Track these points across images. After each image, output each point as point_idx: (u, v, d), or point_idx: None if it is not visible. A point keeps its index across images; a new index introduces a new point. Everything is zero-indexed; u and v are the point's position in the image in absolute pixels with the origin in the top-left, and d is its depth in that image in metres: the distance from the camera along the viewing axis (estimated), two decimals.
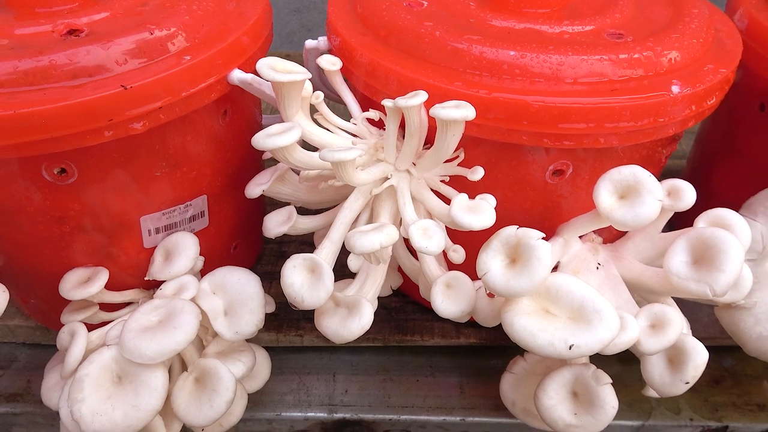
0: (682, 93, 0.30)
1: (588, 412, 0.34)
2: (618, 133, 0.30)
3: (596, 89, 0.30)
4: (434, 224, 0.29)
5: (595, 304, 0.27)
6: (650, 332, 0.29)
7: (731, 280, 0.27)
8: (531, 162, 0.33)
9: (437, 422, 0.44)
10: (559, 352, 0.27)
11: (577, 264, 0.34)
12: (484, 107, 0.30)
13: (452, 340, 0.46)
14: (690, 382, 0.30)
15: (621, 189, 0.30)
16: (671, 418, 0.44)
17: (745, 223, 0.31)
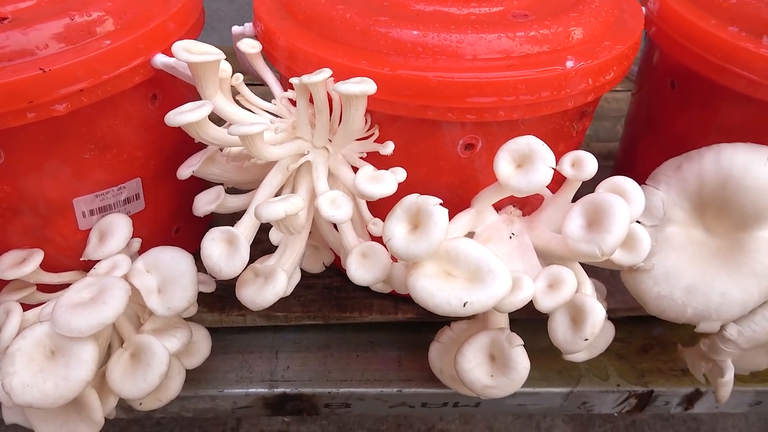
0: (576, 67, 0.32)
1: (503, 373, 0.36)
2: (517, 106, 0.32)
3: (494, 65, 0.32)
4: (342, 195, 0.30)
5: (489, 264, 0.29)
6: (547, 291, 0.31)
7: (617, 239, 0.29)
8: (442, 137, 0.35)
9: (375, 394, 0.45)
10: (454, 309, 0.28)
11: (489, 233, 0.36)
12: (390, 84, 0.31)
13: (390, 316, 0.47)
14: (589, 338, 0.32)
15: (518, 158, 0.31)
16: (599, 384, 0.46)
17: (638, 189, 0.33)
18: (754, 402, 0.47)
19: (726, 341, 0.34)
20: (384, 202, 0.31)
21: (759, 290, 0.32)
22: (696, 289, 0.33)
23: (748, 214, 0.33)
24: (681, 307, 0.33)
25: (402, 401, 0.46)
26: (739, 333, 0.33)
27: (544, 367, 0.47)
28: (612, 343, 0.49)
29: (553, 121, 0.36)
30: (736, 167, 0.34)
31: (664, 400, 0.47)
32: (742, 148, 0.34)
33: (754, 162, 0.33)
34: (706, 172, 0.35)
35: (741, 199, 0.33)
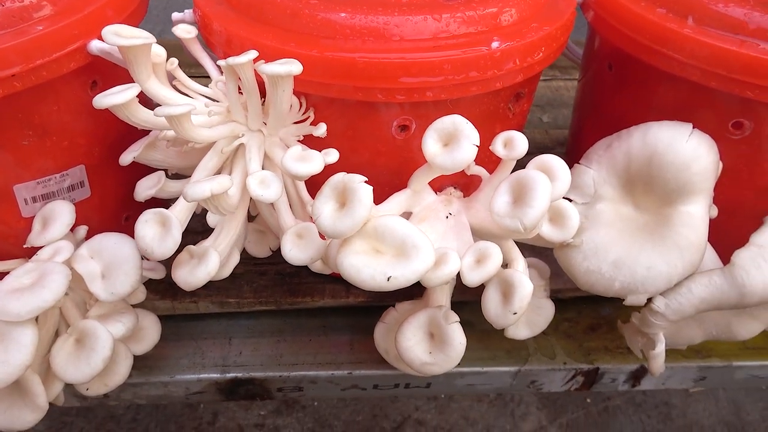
0: (501, 47, 0.33)
1: (440, 350, 0.36)
2: (445, 87, 0.33)
3: (420, 46, 0.32)
4: (272, 175, 0.31)
5: (414, 240, 0.29)
6: (474, 266, 0.32)
7: (538, 214, 0.30)
8: (377, 119, 0.35)
9: (326, 377, 0.46)
10: (379, 283, 0.29)
11: (426, 213, 0.36)
12: (319, 66, 0.32)
13: (342, 299, 0.48)
14: (517, 312, 0.33)
15: (444, 137, 0.32)
16: (546, 363, 0.47)
17: (564, 166, 0.34)
18: (698, 378, 0.48)
19: (654, 314, 0.35)
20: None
21: (683, 263, 0.33)
22: (623, 263, 0.34)
23: (671, 188, 0.34)
24: (609, 281, 0.34)
25: (353, 383, 0.47)
26: (666, 305, 0.34)
27: (493, 347, 0.48)
28: (560, 322, 0.50)
29: (486, 102, 0.36)
30: (660, 144, 0.35)
31: (610, 377, 0.48)
32: (667, 126, 0.35)
33: (677, 138, 0.34)
34: (633, 149, 0.36)
35: (665, 174, 0.34)
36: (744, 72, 0.34)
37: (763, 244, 0.33)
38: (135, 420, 1.13)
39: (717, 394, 1.23)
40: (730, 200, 0.41)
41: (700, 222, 0.34)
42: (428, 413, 1.16)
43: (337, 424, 1.13)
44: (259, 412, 1.14)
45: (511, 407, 1.18)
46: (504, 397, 1.19)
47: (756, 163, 0.38)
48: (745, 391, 1.23)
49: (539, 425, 1.14)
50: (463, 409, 1.17)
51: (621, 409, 1.18)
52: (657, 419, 1.17)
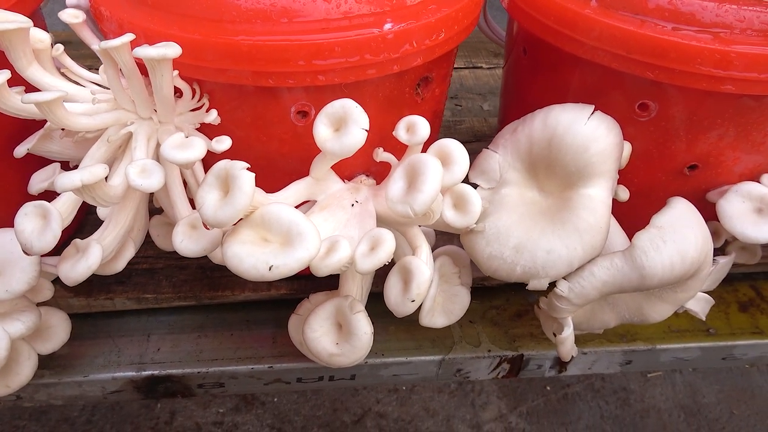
0: (394, 29, 0.32)
1: (347, 340, 0.36)
2: (335, 70, 0.32)
3: (308, 28, 0.31)
4: (153, 164, 0.30)
5: (299, 228, 0.29)
6: (367, 254, 0.31)
7: (428, 198, 0.29)
8: (274, 104, 0.34)
9: (246, 372, 0.45)
10: (261, 273, 0.28)
11: (330, 201, 0.36)
12: (204, 50, 0.31)
13: (263, 293, 0.47)
14: (416, 300, 0.32)
15: (335, 121, 0.31)
16: (470, 351, 0.46)
17: (462, 149, 0.33)
18: (624, 361, 0.49)
19: (559, 298, 0.35)
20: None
21: (582, 246, 0.33)
22: (524, 248, 0.34)
23: (571, 171, 0.34)
24: (510, 265, 0.34)
25: (276, 377, 0.46)
26: (569, 289, 0.34)
27: (419, 337, 0.47)
28: (488, 310, 0.50)
29: (388, 86, 0.36)
30: (560, 126, 0.34)
31: (536, 363, 0.48)
32: (567, 108, 0.35)
33: (576, 120, 0.34)
34: (535, 132, 0.35)
35: (564, 157, 0.34)
36: (644, 52, 0.34)
37: (663, 225, 0.33)
38: (90, 422, 1.11)
39: (674, 378, 1.25)
40: (643, 183, 0.41)
41: (600, 204, 0.33)
42: (389, 406, 1.16)
43: (297, 419, 1.12)
44: (217, 409, 1.13)
45: (471, 397, 1.18)
46: (465, 387, 1.19)
47: (664, 145, 0.38)
48: (702, 375, 1.25)
49: (499, 414, 1.15)
50: (424, 401, 1.17)
51: (580, 396, 1.19)
52: (615, 405, 1.18)
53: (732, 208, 0.37)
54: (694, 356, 0.49)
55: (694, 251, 0.33)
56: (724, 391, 1.21)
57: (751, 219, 0.37)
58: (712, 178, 0.40)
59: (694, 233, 0.33)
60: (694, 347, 0.48)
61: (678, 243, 0.33)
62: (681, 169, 0.39)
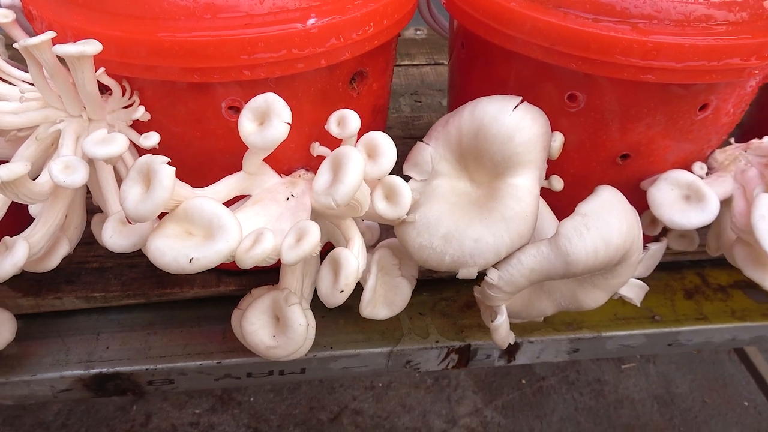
0: (318, 24, 0.32)
1: (283, 332, 0.36)
2: (260, 65, 0.32)
3: (231, 23, 0.32)
4: (77, 160, 0.30)
5: (220, 220, 0.29)
6: (293, 245, 0.31)
7: (349, 189, 0.30)
8: (205, 100, 0.35)
9: (195, 367, 0.45)
10: (182, 266, 0.28)
11: (264, 195, 0.36)
12: (126, 46, 0.31)
13: (212, 289, 0.47)
14: (344, 290, 0.32)
15: (259, 115, 0.32)
16: (418, 342, 0.47)
17: (389, 141, 0.33)
18: (571, 350, 0.49)
19: (490, 286, 0.35)
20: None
21: (509, 234, 0.34)
22: (452, 237, 0.34)
23: (497, 161, 0.35)
24: (440, 254, 0.34)
25: (226, 373, 0.46)
26: (499, 277, 0.35)
27: (368, 330, 0.48)
28: (438, 302, 0.51)
29: (320, 80, 0.36)
30: (486, 117, 0.35)
31: (484, 353, 0.48)
32: (493, 99, 0.35)
33: (502, 112, 0.34)
34: (464, 124, 0.36)
35: (490, 147, 0.35)
36: (567, 44, 0.35)
37: (587, 212, 0.34)
38: (65, 426, 1.10)
39: (648, 369, 1.26)
40: (579, 172, 0.42)
41: (526, 193, 0.34)
42: (365, 402, 1.16)
43: (274, 418, 1.13)
44: (193, 410, 1.13)
45: (447, 392, 1.19)
46: (441, 382, 1.20)
47: (595, 135, 0.39)
48: (675, 365, 1.27)
49: (475, 408, 1.16)
50: (400, 397, 1.17)
51: (555, 389, 1.20)
52: (589, 396, 1.19)
53: (661, 195, 0.38)
54: (639, 343, 0.49)
55: (617, 237, 0.34)
56: (696, 381, 1.23)
57: (679, 206, 0.38)
58: (645, 167, 0.41)
59: (618, 220, 0.34)
60: (638, 334, 0.49)
61: (601, 230, 0.33)
62: (614, 159, 0.40)
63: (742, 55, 0.33)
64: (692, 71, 0.34)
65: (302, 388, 1.17)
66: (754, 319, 0.50)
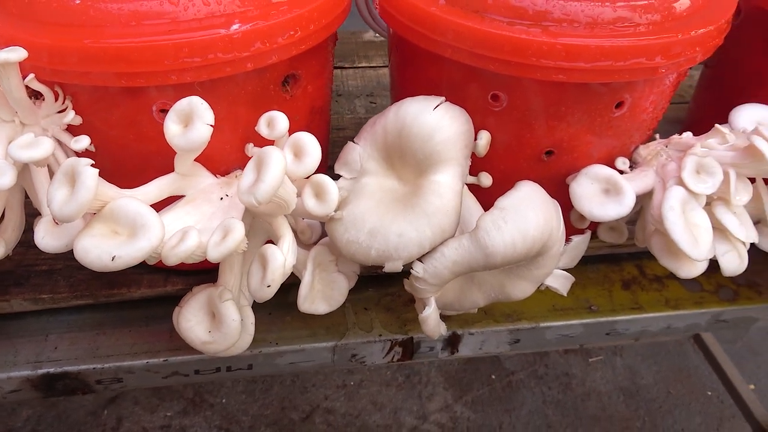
0: (241, 29, 0.34)
1: (218, 328, 0.37)
2: (185, 69, 0.33)
3: (156, 30, 0.33)
4: (4, 164, 0.31)
5: (143, 219, 0.30)
6: (219, 242, 0.33)
7: (269, 188, 0.31)
8: (136, 104, 0.36)
9: (142, 366, 0.46)
10: (105, 264, 0.29)
11: (197, 195, 0.37)
12: (52, 53, 0.32)
13: (159, 289, 0.48)
14: (271, 285, 0.34)
15: (183, 118, 0.33)
16: (362, 336, 0.48)
17: (314, 142, 0.35)
18: (512, 340, 0.51)
19: (416, 279, 0.37)
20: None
21: (431, 229, 0.35)
22: (377, 232, 0.36)
23: (420, 159, 0.36)
24: (366, 249, 0.36)
25: (173, 371, 0.47)
26: (424, 270, 0.36)
27: (313, 326, 0.49)
28: (383, 297, 0.52)
29: (250, 83, 0.37)
30: (408, 117, 0.36)
31: (428, 346, 0.50)
32: (416, 100, 0.37)
33: (423, 111, 0.36)
34: (389, 123, 0.37)
35: (412, 145, 0.36)
36: (484, 47, 0.36)
37: (506, 207, 0.35)
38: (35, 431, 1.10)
39: (615, 361, 1.29)
40: (507, 169, 0.44)
41: (447, 189, 0.36)
42: (337, 401, 1.18)
43: (246, 419, 1.13)
44: (165, 413, 1.13)
45: (418, 389, 1.20)
46: (412, 379, 1.22)
47: (519, 133, 0.41)
48: (641, 357, 1.30)
49: (445, 404, 1.17)
50: (372, 395, 1.19)
51: (523, 383, 1.23)
52: (557, 390, 1.22)
53: (581, 189, 0.40)
54: (578, 333, 0.51)
55: (534, 230, 0.35)
56: (661, 372, 1.26)
57: (598, 199, 0.40)
58: (569, 163, 0.42)
59: (535, 213, 0.36)
60: (576, 324, 0.51)
61: (518, 223, 0.35)
62: (539, 156, 0.42)
63: (648, 55, 0.35)
64: (601, 71, 0.35)
65: (274, 388, 1.18)
66: (687, 308, 0.52)
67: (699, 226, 0.38)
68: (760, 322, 0.55)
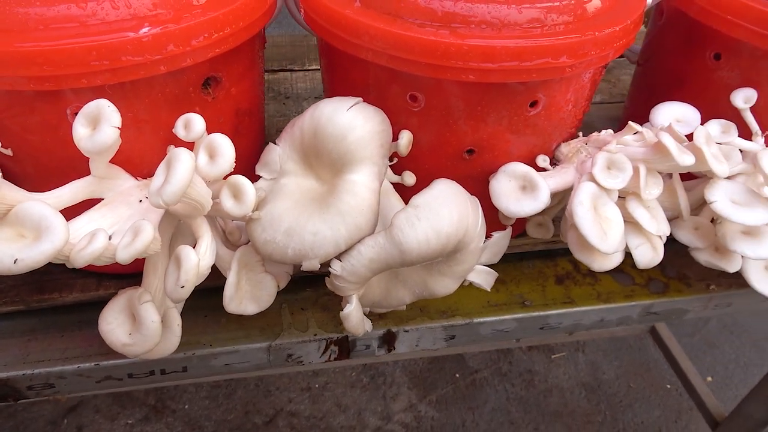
0: (151, 33, 0.34)
1: (138, 330, 0.38)
2: (95, 73, 0.34)
3: (63, 34, 0.33)
4: None
5: (47, 222, 0.30)
6: (128, 244, 0.33)
7: (176, 189, 0.31)
8: (51, 108, 0.36)
9: (73, 371, 0.46)
10: (7, 267, 0.30)
11: (114, 198, 0.37)
12: None
13: (92, 293, 0.48)
14: (185, 286, 0.34)
15: (91, 121, 0.33)
16: (297, 336, 0.49)
17: (227, 144, 0.35)
18: (447, 336, 0.52)
19: (335, 277, 0.37)
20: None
21: (346, 227, 0.36)
22: (293, 231, 0.36)
23: (334, 159, 0.37)
24: (283, 248, 0.36)
25: (106, 375, 0.47)
26: (342, 268, 0.37)
27: (248, 327, 0.49)
28: (320, 297, 0.52)
29: (167, 86, 0.38)
30: (323, 117, 0.37)
31: (363, 344, 0.50)
32: (331, 101, 0.37)
33: (337, 111, 0.37)
34: (305, 124, 0.38)
35: (326, 145, 0.37)
36: (397, 48, 0.37)
37: (419, 204, 0.36)
38: None
39: (577, 357, 1.31)
40: (432, 167, 0.44)
41: (362, 188, 0.36)
42: (301, 404, 1.17)
43: (208, 425, 1.13)
44: (126, 421, 1.12)
45: (383, 389, 1.21)
46: (377, 380, 1.22)
47: (439, 132, 0.42)
48: (603, 353, 1.32)
49: (409, 404, 1.18)
50: (336, 397, 1.19)
51: (487, 381, 1.24)
52: (521, 386, 1.23)
53: (499, 186, 0.41)
54: (511, 327, 0.52)
55: (448, 227, 0.36)
56: (622, 367, 1.28)
57: (515, 196, 0.41)
58: (491, 161, 0.43)
59: (449, 210, 0.36)
60: (509, 319, 0.52)
61: (432, 220, 0.36)
62: (461, 155, 0.43)
63: (553, 55, 0.36)
64: (509, 71, 0.37)
65: (238, 392, 1.17)
66: (618, 301, 0.53)
67: (610, 220, 0.39)
68: (691, 313, 0.57)
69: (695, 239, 0.46)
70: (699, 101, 0.49)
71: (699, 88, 0.51)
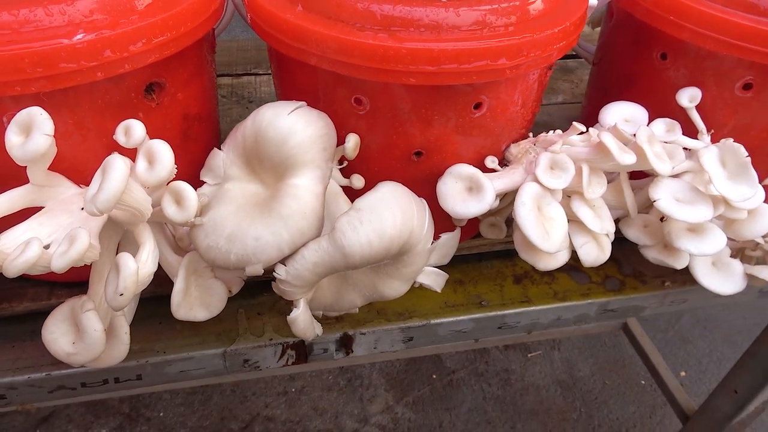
0: (85, 39, 0.34)
1: (81, 338, 0.37)
2: (30, 80, 0.33)
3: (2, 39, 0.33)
4: None
5: None
6: (64, 252, 0.33)
7: (108, 196, 0.31)
8: None
9: (24, 381, 0.45)
10: None
11: (55, 206, 0.37)
12: None
13: (44, 302, 0.48)
14: (124, 293, 0.34)
15: (24, 128, 0.33)
16: (253, 341, 0.49)
17: (166, 150, 0.35)
18: (405, 338, 0.52)
19: (280, 281, 0.37)
20: None
21: (288, 231, 0.36)
22: (235, 237, 0.36)
23: (276, 163, 0.37)
24: (225, 254, 0.36)
25: (59, 384, 0.46)
26: (286, 272, 0.37)
27: (204, 333, 0.49)
28: (277, 302, 0.52)
29: (107, 92, 0.37)
30: (264, 121, 0.37)
31: (321, 347, 0.50)
32: (272, 105, 0.38)
33: (277, 116, 0.37)
34: (247, 129, 0.38)
35: (268, 150, 0.37)
36: (337, 52, 0.37)
37: (362, 207, 0.36)
38: None
39: (553, 355, 1.32)
40: (381, 169, 0.44)
41: (305, 192, 0.36)
42: (277, 409, 1.17)
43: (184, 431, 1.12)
44: (100, 430, 1.11)
45: (360, 392, 1.21)
46: (353, 383, 1.22)
47: (386, 135, 0.42)
48: (578, 350, 1.33)
49: (386, 406, 1.18)
50: (313, 401, 1.19)
51: (464, 381, 1.24)
52: (497, 386, 1.24)
53: (446, 188, 0.41)
54: (469, 328, 0.53)
55: (391, 229, 0.36)
56: (598, 364, 1.29)
57: (461, 197, 0.41)
58: (439, 163, 0.44)
59: (392, 213, 0.37)
60: (467, 319, 0.52)
61: (374, 223, 0.36)
62: (409, 157, 0.43)
63: (491, 58, 0.37)
64: (448, 74, 0.37)
65: (214, 398, 1.16)
66: (574, 299, 0.54)
67: (554, 219, 0.39)
68: (647, 310, 0.58)
69: (644, 237, 0.46)
70: (648, 101, 0.50)
71: (648, 88, 0.51)
